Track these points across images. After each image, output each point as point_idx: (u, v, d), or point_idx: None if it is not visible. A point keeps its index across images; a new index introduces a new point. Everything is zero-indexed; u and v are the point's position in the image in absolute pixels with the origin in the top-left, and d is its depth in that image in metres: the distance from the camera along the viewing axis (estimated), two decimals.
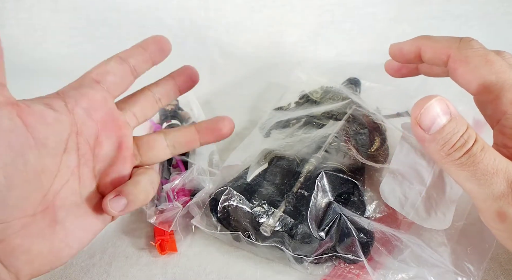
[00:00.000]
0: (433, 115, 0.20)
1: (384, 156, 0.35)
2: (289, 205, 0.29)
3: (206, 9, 0.68)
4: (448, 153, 0.21)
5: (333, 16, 0.67)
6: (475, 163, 0.21)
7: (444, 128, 0.20)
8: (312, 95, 0.41)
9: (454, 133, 0.21)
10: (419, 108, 0.21)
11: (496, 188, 0.21)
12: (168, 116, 0.43)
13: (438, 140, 0.21)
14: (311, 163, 0.31)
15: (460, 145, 0.21)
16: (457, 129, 0.21)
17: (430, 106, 0.20)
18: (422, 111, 0.20)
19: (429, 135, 0.21)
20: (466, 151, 0.21)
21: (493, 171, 0.21)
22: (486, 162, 0.21)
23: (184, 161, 0.37)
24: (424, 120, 0.21)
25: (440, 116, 0.20)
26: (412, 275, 0.27)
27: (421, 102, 0.21)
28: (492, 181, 0.21)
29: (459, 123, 0.21)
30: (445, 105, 0.20)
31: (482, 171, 0.21)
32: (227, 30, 0.68)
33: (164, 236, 0.32)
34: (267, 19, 0.69)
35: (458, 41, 0.25)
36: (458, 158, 0.21)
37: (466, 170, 0.21)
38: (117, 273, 0.30)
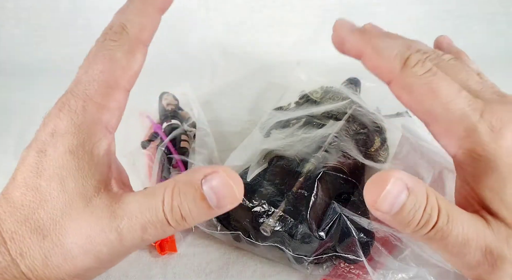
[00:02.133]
0: (391, 200, 0.18)
1: (384, 156, 0.35)
2: (289, 205, 0.29)
3: (206, 9, 0.68)
4: (415, 230, 0.19)
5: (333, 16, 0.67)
6: (443, 237, 0.19)
7: (405, 207, 0.18)
8: (312, 95, 0.41)
9: (417, 210, 0.18)
10: (374, 194, 0.18)
11: (471, 258, 0.19)
12: (168, 116, 0.43)
13: (401, 220, 0.19)
14: (311, 163, 0.31)
15: (425, 221, 0.19)
16: (418, 204, 0.18)
17: (387, 194, 0.18)
18: (379, 200, 0.18)
19: (391, 216, 0.18)
20: (432, 227, 0.19)
21: (464, 241, 0.19)
22: (455, 233, 0.19)
23: (184, 160, 0.37)
24: (383, 207, 0.18)
25: (399, 197, 0.18)
26: (412, 275, 0.27)
27: (375, 186, 0.18)
28: (465, 252, 0.19)
29: (418, 196, 0.18)
30: (402, 184, 0.18)
31: (452, 244, 0.19)
32: (227, 30, 0.68)
33: None
34: (267, 19, 0.69)
35: (401, 63, 0.22)
36: (426, 233, 0.19)
37: (436, 244, 0.19)
38: (117, 273, 0.30)
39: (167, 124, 0.42)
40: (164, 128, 0.42)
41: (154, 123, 0.43)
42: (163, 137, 0.40)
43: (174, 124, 0.42)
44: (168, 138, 0.39)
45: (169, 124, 0.42)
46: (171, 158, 0.38)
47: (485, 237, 0.19)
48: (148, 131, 0.43)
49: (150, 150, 0.40)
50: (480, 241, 0.19)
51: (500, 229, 0.20)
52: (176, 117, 0.43)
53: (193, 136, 0.41)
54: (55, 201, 0.20)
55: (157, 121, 0.44)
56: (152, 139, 0.41)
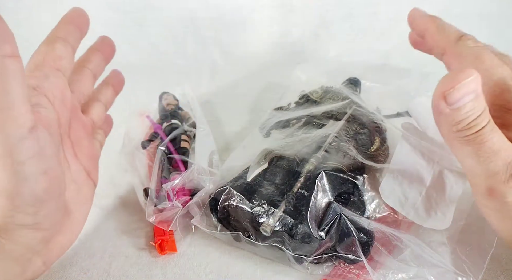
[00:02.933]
0: (465, 92, 0.20)
1: (384, 156, 0.35)
2: (289, 205, 0.29)
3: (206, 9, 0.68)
4: (460, 129, 0.21)
5: (333, 16, 0.67)
6: (482, 141, 0.21)
7: (466, 106, 0.21)
8: (312, 95, 0.41)
9: (473, 113, 0.21)
10: (453, 82, 0.20)
11: (493, 165, 0.22)
12: (168, 116, 0.43)
13: (456, 116, 0.21)
14: (311, 163, 0.31)
15: (475, 124, 0.21)
16: (477, 109, 0.21)
17: (466, 84, 0.20)
18: (457, 86, 0.20)
19: (449, 110, 0.21)
20: (478, 130, 0.21)
21: (496, 150, 0.21)
22: (492, 141, 0.21)
23: (184, 160, 0.37)
24: (454, 96, 0.20)
25: (469, 94, 0.20)
26: (412, 275, 0.27)
27: (457, 76, 0.20)
28: (492, 159, 0.21)
29: (480, 102, 0.21)
30: (477, 84, 0.20)
31: (486, 149, 0.21)
32: (227, 30, 0.68)
33: (163, 236, 0.31)
34: (267, 19, 0.69)
35: (457, 37, 0.26)
36: (468, 135, 0.21)
37: (471, 146, 0.22)
38: (117, 273, 0.30)
39: (167, 124, 0.42)
40: (164, 128, 0.42)
41: (154, 123, 0.43)
42: (163, 137, 0.40)
43: (174, 124, 0.42)
44: (168, 139, 0.39)
45: (169, 124, 0.42)
46: (171, 157, 0.38)
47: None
48: (148, 131, 0.43)
49: (150, 150, 0.40)
50: (508, 154, 0.21)
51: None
52: (176, 117, 0.43)
53: (193, 136, 0.41)
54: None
55: (157, 121, 0.44)
56: (152, 139, 0.41)
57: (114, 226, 0.34)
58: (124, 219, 0.35)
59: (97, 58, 0.31)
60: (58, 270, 0.30)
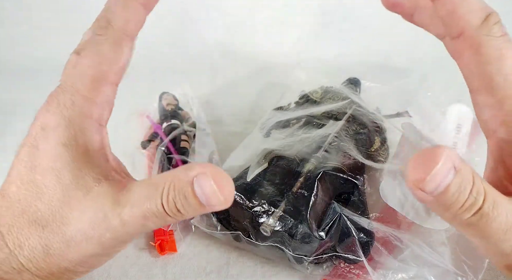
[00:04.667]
0: (440, 179, 0.16)
1: (384, 156, 0.35)
2: (289, 205, 0.29)
3: (206, 9, 0.68)
4: (456, 214, 0.17)
5: (333, 16, 0.67)
6: (487, 223, 0.17)
7: (450, 187, 0.16)
8: (312, 95, 0.41)
9: (462, 191, 0.17)
10: (422, 172, 0.16)
11: (507, 246, 0.18)
12: (168, 116, 0.43)
13: (443, 202, 0.17)
14: (311, 163, 0.31)
15: (469, 204, 0.17)
16: (463, 185, 0.16)
17: (437, 173, 0.16)
18: (428, 178, 0.16)
19: (432, 198, 0.17)
20: (476, 210, 0.17)
21: (506, 228, 0.18)
22: (499, 220, 0.17)
23: (184, 160, 0.37)
24: (428, 187, 0.16)
25: (447, 176, 0.16)
26: (412, 275, 0.27)
27: (423, 164, 0.16)
28: (504, 239, 0.18)
29: (465, 175, 0.17)
30: (451, 163, 0.16)
31: (494, 230, 0.18)
32: (227, 30, 0.68)
33: (163, 236, 0.31)
34: (267, 19, 0.69)
35: (482, 17, 0.20)
36: (468, 218, 0.17)
37: (476, 229, 0.18)
38: (117, 273, 0.30)
39: (167, 124, 0.42)
40: (164, 128, 0.42)
41: (154, 123, 0.43)
42: (163, 137, 0.40)
43: (174, 124, 0.42)
44: (168, 138, 0.39)
45: (169, 124, 0.42)
46: (171, 158, 0.38)
47: None
48: (148, 131, 0.43)
49: (150, 150, 0.40)
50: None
51: None
52: (176, 117, 0.43)
53: (193, 136, 0.41)
54: (52, 193, 0.21)
55: (157, 121, 0.44)
56: (152, 139, 0.41)
57: None
58: None
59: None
60: None
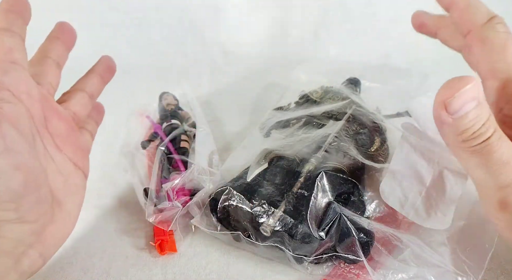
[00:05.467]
0: (465, 100, 0.19)
1: (384, 156, 0.35)
2: (289, 205, 0.29)
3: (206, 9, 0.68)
4: (466, 139, 0.20)
5: (333, 16, 0.67)
6: (490, 152, 0.20)
7: (469, 114, 0.19)
8: (312, 95, 0.41)
9: (477, 121, 0.20)
10: (452, 90, 0.19)
11: (504, 177, 0.20)
12: (168, 116, 0.43)
13: (460, 125, 0.20)
14: (311, 163, 0.31)
15: (480, 133, 0.20)
16: (480, 117, 0.20)
17: (465, 91, 0.19)
18: (456, 94, 0.19)
19: (452, 119, 0.20)
20: (484, 139, 0.20)
21: (505, 160, 0.20)
22: (501, 151, 0.20)
23: (184, 160, 0.37)
24: (454, 104, 0.19)
25: (469, 102, 0.19)
26: (412, 275, 0.27)
27: (455, 84, 0.19)
28: (502, 171, 0.20)
29: (483, 110, 0.20)
30: (477, 91, 0.19)
31: (495, 160, 0.20)
32: (227, 30, 0.68)
33: (163, 236, 0.31)
34: (267, 19, 0.69)
35: (487, 18, 0.24)
36: (474, 145, 0.20)
37: (478, 157, 0.21)
38: (117, 273, 0.30)
39: (167, 124, 0.42)
40: (164, 128, 0.42)
41: (154, 123, 0.43)
42: (163, 138, 0.40)
43: (174, 124, 0.42)
44: (168, 139, 0.39)
45: (169, 124, 0.42)
46: (171, 158, 0.38)
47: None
48: (148, 131, 0.43)
49: (150, 150, 0.40)
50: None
51: None
52: (176, 117, 0.43)
53: (193, 136, 0.41)
54: None
55: (157, 121, 0.44)
56: (152, 139, 0.41)
57: (114, 226, 0.34)
58: (124, 219, 0.35)
59: (58, 47, 0.30)
60: (58, 270, 0.30)
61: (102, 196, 0.37)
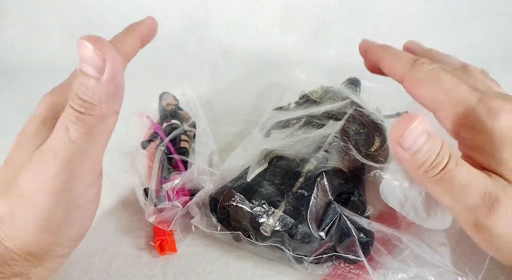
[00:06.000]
0: (415, 136, 0.21)
1: (384, 156, 0.35)
2: (289, 205, 0.29)
3: (206, 9, 0.68)
4: (426, 170, 0.22)
5: (333, 16, 0.67)
6: (450, 178, 0.21)
7: (423, 148, 0.21)
8: (312, 95, 0.41)
9: (432, 152, 0.21)
10: (401, 129, 0.21)
11: (470, 200, 0.22)
12: (168, 116, 0.43)
13: (417, 159, 0.21)
14: (311, 163, 0.31)
15: (437, 163, 0.21)
16: (434, 148, 0.21)
17: (414, 128, 0.21)
18: (405, 133, 0.21)
19: (409, 155, 0.21)
20: (442, 168, 0.21)
21: (466, 184, 0.22)
22: (460, 176, 0.21)
23: (184, 160, 0.37)
24: (406, 141, 0.21)
25: (420, 137, 0.21)
26: (412, 275, 0.27)
27: (404, 123, 0.21)
28: (466, 194, 0.22)
29: (435, 141, 0.21)
30: (425, 126, 0.21)
31: (457, 186, 0.22)
32: (227, 30, 0.68)
33: (163, 236, 0.31)
34: (267, 19, 0.69)
35: (412, 63, 0.26)
36: (435, 175, 0.22)
37: (442, 185, 0.22)
38: (117, 273, 0.30)
39: (167, 124, 0.42)
40: (164, 128, 0.42)
41: (154, 123, 0.43)
42: (163, 138, 0.40)
43: (174, 124, 0.42)
44: (168, 139, 0.39)
45: (169, 124, 0.42)
46: (171, 158, 0.38)
47: (485, 183, 0.22)
48: (148, 131, 0.43)
49: (150, 150, 0.40)
50: (480, 185, 0.22)
51: (499, 180, 0.22)
52: (176, 117, 0.43)
53: (193, 136, 0.41)
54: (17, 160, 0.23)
55: (157, 121, 0.44)
56: (152, 139, 0.41)
57: (114, 226, 0.34)
58: (124, 219, 0.35)
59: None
60: (58, 270, 0.30)
61: (102, 196, 0.37)
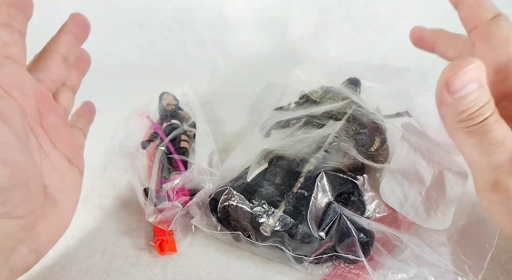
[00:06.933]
0: (467, 80, 0.20)
1: (384, 156, 0.35)
2: (289, 205, 0.29)
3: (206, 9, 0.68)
4: (463, 120, 0.21)
5: (333, 16, 0.67)
6: (486, 132, 0.21)
7: (470, 96, 0.20)
8: (312, 95, 0.41)
9: (477, 103, 0.20)
10: (456, 69, 0.20)
11: (498, 157, 0.21)
12: (168, 116, 0.43)
13: (459, 106, 0.20)
14: (311, 163, 0.31)
15: (478, 114, 0.20)
16: (480, 99, 0.20)
17: (468, 70, 0.19)
18: (459, 73, 0.19)
19: (452, 99, 0.20)
20: (481, 120, 0.20)
21: (500, 141, 0.21)
22: (496, 132, 0.21)
23: (184, 160, 0.37)
24: (456, 84, 0.20)
25: (471, 83, 0.20)
26: (412, 275, 0.27)
27: (459, 63, 0.20)
28: (496, 151, 0.21)
29: (484, 93, 0.20)
30: (481, 73, 0.20)
31: (489, 140, 0.21)
32: (227, 30, 0.68)
33: (163, 236, 0.31)
34: (267, 19, 0.69)
35: (493, 15, 0.24)
36: (472, 125, 0.21)
37: (474, 137, 0.21)
38: (117, 273, 0.30)
39: (167, 124, 0.42)
40: (164, 128, 0.42)
41: (154, 123, 0.43)
42: (163, 138, 0.40)
43: (174, 124, 0.42)
44: (168, 139, 0.39)
45: (169, 124, 0.42)
46: (171, 157, 0.38)
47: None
48: (148, 131, 0.43)
49: (150, 150, 0.40)
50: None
51: None
52: (176, 117, 0.43)
53: (193, 136, 0.41)
54: None
55: (157, 121, 0.44)
56: (152, 139, 0.41)
57: (114, 226, 0.34)
58: (124, 219, 0.35)
59: (67, 39, 0.29)
60: (58, 270, 0.30)
61: (102, 196, 0.38)
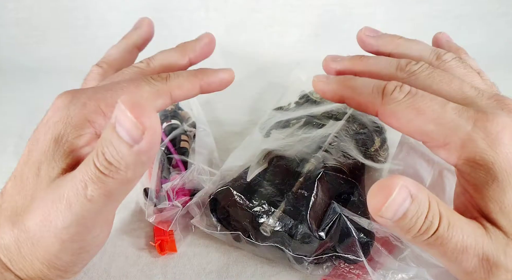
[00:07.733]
0: (397, 206, 0.18)
1: (384, 156, 0.35)
2: (289, 205, 0.29)
3: (206, 9, 0.68)
4: (415, 236, 0.19)
5: (333, 16, 0.67)
6: (443, 243, 0.19)
7: (407, 214, 0.18)
8: (312, 95, 0.42)
9: (419, 216, 0.18)
10: (379, 203, 0.18)
11: (467, 264, 0.20)
12: (168, 116, 0.43)
13: (403, 226, 0.19)
14: (311, 163, 0.31)
15: (426, 228, 0.19)
16: (420, 211, 0.18)
17: (392, 202, 0.18)
18: (383, 208, 0.18)
19: (393, 223, 0.18)
20: (433, 232, 0.19)
21: (462, 248, 0.19)
22: (454, 240, 0.19)
23: (184, 160, 0.37)
24: (388, 213, 0.18)
25: (403, 204, 0.18)
26: (412, 275, 0.27)
27: (380, 196, 0.18)
28: (463, 259, 0.19)
29: (421, 204, 0.18)
30: (406, 192, 0.18)
31: (451, 250, 0.19)
32: (227, 30, 0.68)
33: (163, 236, 0.31)
34: (267, 19, 0.69)
35: (380, 95, 0.23)
36: (426, 239, 0.19)
37: (435, 249, 0.20)
38: (117, 273, 0.30)
39: (167, 124, 0.42)
40: (164, 128, 0.42)
41: None
42: (163, 138, 0.40)
43: (174, 124, 0.42)
44: (168, 138, 0.39)
45: (169, 124, 0.42)
46: (171, 158, 0.38)
47: (483, 245, 0.19)
48: None
49: None
50: (478, 248, 0.19)
51: (498, 237, 0.20)
52: (176, 117, 0.43)
53: (193, 136, 0.41)
54: (30, 186, 0.20)
55: None
56: None
57: (114, 226, 0.34)
58: (124, 219, 0.35)
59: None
60: None
61: None
